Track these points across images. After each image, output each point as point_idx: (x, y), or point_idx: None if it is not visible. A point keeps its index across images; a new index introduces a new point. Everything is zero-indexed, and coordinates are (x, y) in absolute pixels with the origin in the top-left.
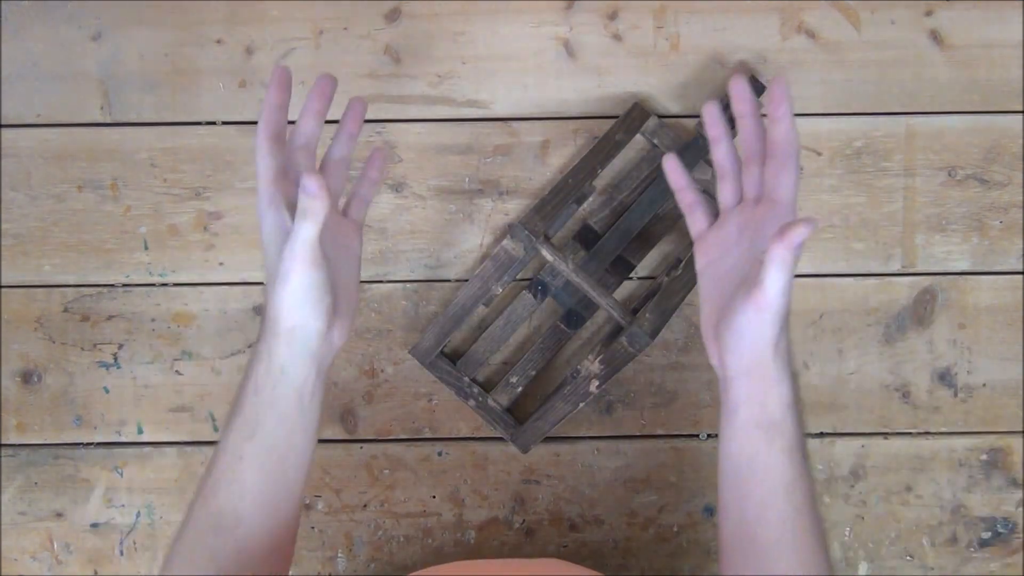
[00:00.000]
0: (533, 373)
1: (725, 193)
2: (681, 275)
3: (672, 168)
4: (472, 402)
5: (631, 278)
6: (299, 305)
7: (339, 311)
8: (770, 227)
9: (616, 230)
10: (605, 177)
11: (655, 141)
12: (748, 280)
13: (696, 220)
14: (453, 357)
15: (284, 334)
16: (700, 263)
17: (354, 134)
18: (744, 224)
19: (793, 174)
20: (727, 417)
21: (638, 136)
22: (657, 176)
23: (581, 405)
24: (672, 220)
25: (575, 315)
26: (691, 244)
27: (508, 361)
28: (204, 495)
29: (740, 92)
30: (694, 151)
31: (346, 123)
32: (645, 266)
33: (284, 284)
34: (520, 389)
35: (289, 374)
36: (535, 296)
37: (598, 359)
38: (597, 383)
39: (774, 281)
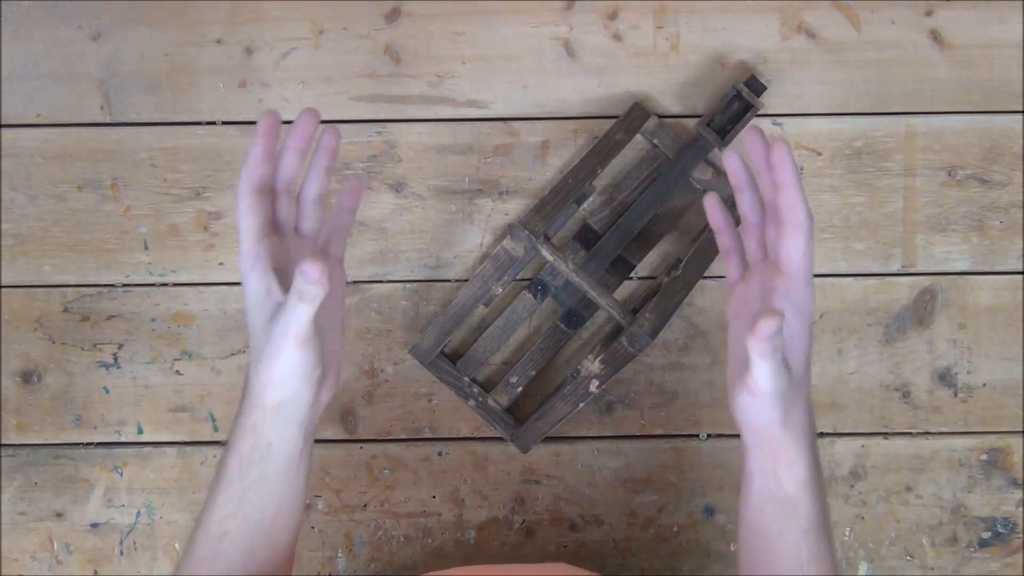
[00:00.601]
0: (533, 373)
1: (750, 246)
2: (681, 275)
3: (712, 207)
4: (472, 402)
5: (631, 278)
6: (288, 381)
7: (327, 371)
8: (778, 301)
9: (616, 230)
10: (605, 177)
11: (655, 141)
12: (745, 361)
13: (731, 267)
14: (453, 357)
15: (271, 409)
16: (730, 313)
17: (330, 168)
18: (764, 286)
19: (803, 245)
20: (745, 482)
21: (638, 136)
22: (657, 176)
23: (581, 405)
24: (672, 220)
25: (575, 315)
26: (691, 243)
27: (508, 361)
28: (185, 570)
29: (754, 145)
30: (694, 152)
31: (319, 158)
32: (645, 266)
33: (272, 362)
34: (520, 389)
35: (277, 448)
36: (535, 296)
37: (598, 359)
38: (597, 383)
39: (759, 370)
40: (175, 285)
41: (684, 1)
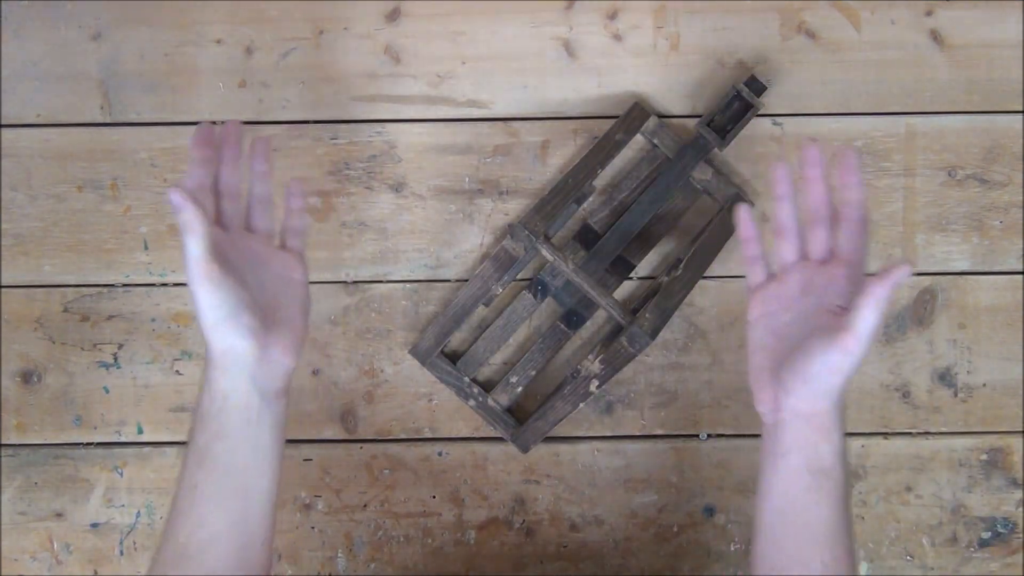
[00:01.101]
0: (533, 373)
1: (786, 250)
2: (681, 275)
3: (744, 219)
4: (472, 402)
5: (631, 278)
6: (217, 326)
7: (274, 332)
8: (843, 285)
9: (616, 230)
10: (605, 177)
11: (655, 141)
12: (829, 328)
13: (755, 273)
14: (453, 357)
15: (218, 359)
16: (754, 314)
17: (266, 172)
18: (808, 282)
19: (865, 237)
20: (774, 461)
21: (638, 136)
22: (657, 176)
23: (581, 405)
24: (672, 220)
25: (575, 315)
26: (691, 243)
27: (508, 361)
28: (168, 530)
29: (811, 158)
30: (694, 152)
31: (254, 165)
32: (645, 266)
33: (199, 312)
34: (520, 389)
35: (231, 399)
36: (535, 296)
37: (598, 359)
38: (597, 383)
39: (866, 322)
40: (175, 285)
41: (684, 1)
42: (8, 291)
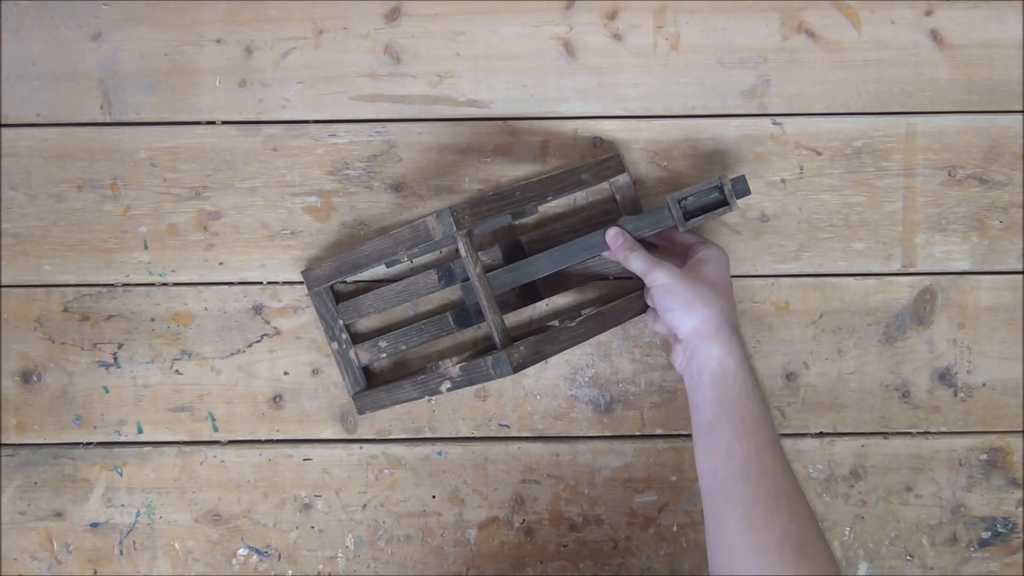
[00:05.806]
0: (403, 348)
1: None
2: (573, 328)
3: (612, 237)
4: (336, 345)
5: (535, 307)
6: None
7: None
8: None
9: (539, 258)
10: (556, 205)
11: (618, 196)
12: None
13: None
14: (339, 297)
15: None
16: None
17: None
18: None
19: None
20: (694, 385)
21: (604, 184)
22: (603, 227)
23: (427, 398)
24: (596, 273)
25: (466, 315)
26: (600, 302)
27: (387, 326)
28: None
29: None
30: (651, 220)
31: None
32: (552, 303)
33: None
34: (384, 356)
35: None
36: (439, 280)
37: (459, 365)
38: (449, 385)
39: (632, 266)
40: (175, 285)
41: (684, 1)
42: (8, 291)
